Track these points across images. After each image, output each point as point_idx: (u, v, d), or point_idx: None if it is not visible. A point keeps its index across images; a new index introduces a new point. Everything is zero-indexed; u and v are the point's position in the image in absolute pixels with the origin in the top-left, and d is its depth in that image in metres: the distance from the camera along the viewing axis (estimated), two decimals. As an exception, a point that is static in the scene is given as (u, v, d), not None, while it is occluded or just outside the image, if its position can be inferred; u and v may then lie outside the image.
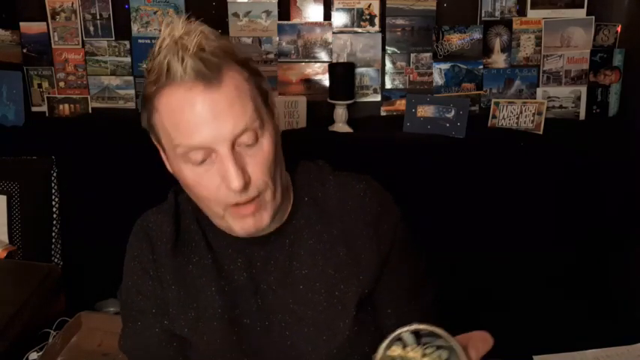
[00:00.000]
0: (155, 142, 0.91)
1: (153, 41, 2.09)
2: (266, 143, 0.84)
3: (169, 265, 0.95)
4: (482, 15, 2.01)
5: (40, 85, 2.19)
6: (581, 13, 1.95)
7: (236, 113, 0.81)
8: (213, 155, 0.82)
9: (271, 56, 2.08)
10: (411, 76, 2.08)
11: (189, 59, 0.79)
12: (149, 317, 0.97)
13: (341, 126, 2.02)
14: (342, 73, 2.02)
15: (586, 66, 1.98)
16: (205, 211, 0.90)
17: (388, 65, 2.08)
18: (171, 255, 0.95)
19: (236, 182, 0.80)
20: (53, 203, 2.02)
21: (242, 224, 0.86)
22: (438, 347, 0.68)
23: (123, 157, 1.99)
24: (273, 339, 0.94)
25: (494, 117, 1.98)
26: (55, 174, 2.03)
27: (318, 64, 2.10)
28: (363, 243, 0.96)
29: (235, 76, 0.82)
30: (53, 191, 2.03)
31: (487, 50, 2.03)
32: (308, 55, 2.09)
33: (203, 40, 0.81)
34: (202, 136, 0.80)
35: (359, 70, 2.08)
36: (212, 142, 0.81)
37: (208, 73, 0.79)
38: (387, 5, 2.03)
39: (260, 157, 0.84)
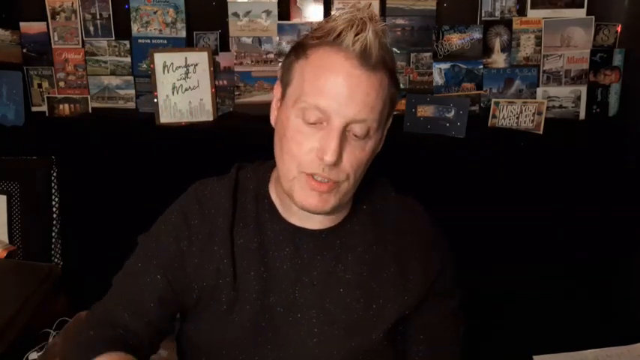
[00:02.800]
0: (279, 84, 0.94)
1: (153, 41, 2.09)
2: (369, 145, 0.89)
3: (224, 241, 0.96)
4: (482, 15, 2.01)
5: (40, 85, 2.19)
6: (581, 13, 1.95)
7: (367, 103, 0.85)
8: (324, 124, 0.86)
9: (271, 56, 2.08)
10: (411, 76, 2.08)
11: (370, 35, 0.84)
12: (149, 264, 0.97)
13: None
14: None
15: (586, 66, 1.98)
16: (281, 168, 0.91)
17: (388, 65, 2.08)
18: (228, 229, 0.96)
19: (331, 157, 0.84)
20: (53, 203, 2.02)
21: (306, 196, 0.89)
22: None
23: (123, 157, 1.99)
24: (301, 333, 0.95)
25: (494, 117, 1.98)
26: (55, 174, 2.03)
27: (318, 64, 2.10)
28: (414, 266, 0.98)
29: (384, 77, 0.88)
30: (53, 191, 2.03)
31: (487, 50, 2.02)
32: (308, 55, 2.09)
33: (384, 32, 0.87)
34: (329, 103, 0.84)
35: (359, 70, 2.08)
36: (333, 113, 0.85)
37: (371, 57, 0.84)
38: (387, 5, 2.03)
39: (358, 153, 0.88)
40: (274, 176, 0.99)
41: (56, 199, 2.03)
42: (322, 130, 0.86)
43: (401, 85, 2.07)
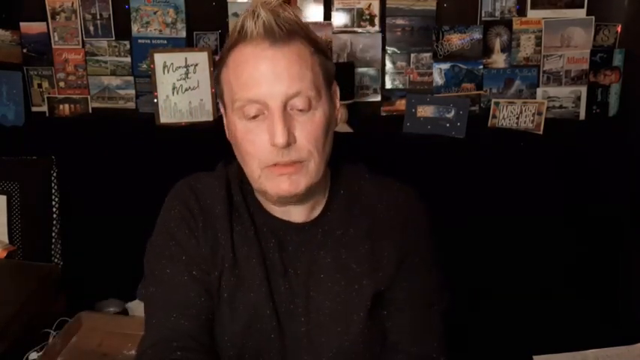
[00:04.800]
0: (219, 103, 0.97)
1: (153, 41, 2.09)
2: (318, 115, 0.90)
3: (225, 227, 0.97)
4: (483, 15, 2.01)
5: (40, 85, 2.19)
6: (581, 13, 1.95)
7: (293, 75, 0.86)
8: (265, 112, 0.87)
9: (271, 56, 2.08)
10: (411, 76, 2.08)
11: (263, 14, 0.86)
12: (179, 264, 0.96)
13: (341, 126, 2.02)
14: (342, 73, 2.02)
15: (586, 66, 1.98)
16: (246, 171, 0.93)
17: (388, 65, 2.08)
18: (226, 217, 0.97)
19: (280, 138, 0.85)
20: (53, 203, 2.02)
21: (277, 184, 0.89)
22: None
23: (123, 157, 1.99)
24: (293, 323, 0.96)
25: (494, 117, 1.98)
26: (55, 174, 2.03)
27: (318, 64, 2.10)
28: (387, 242, 0.99)
29: (301, 46, 0.89)
30: (53, 191, 2.03)
31: (487, 50, 2.03)
32: (308, 55, 2.09)
33: (282, 7, 0.88)
34: (259, 90, 0.86)
35: (359, 70, 2.08)
36: (267, 97, 0.86)
37: (277, 32, 0.86)
38: (387, 5, 2.03)
39: (309, 126, 0.89)
40: None
41: (56, 199, 2.03)
42: (266, 119, 0.87)
43: (401, 86, 2.09)
